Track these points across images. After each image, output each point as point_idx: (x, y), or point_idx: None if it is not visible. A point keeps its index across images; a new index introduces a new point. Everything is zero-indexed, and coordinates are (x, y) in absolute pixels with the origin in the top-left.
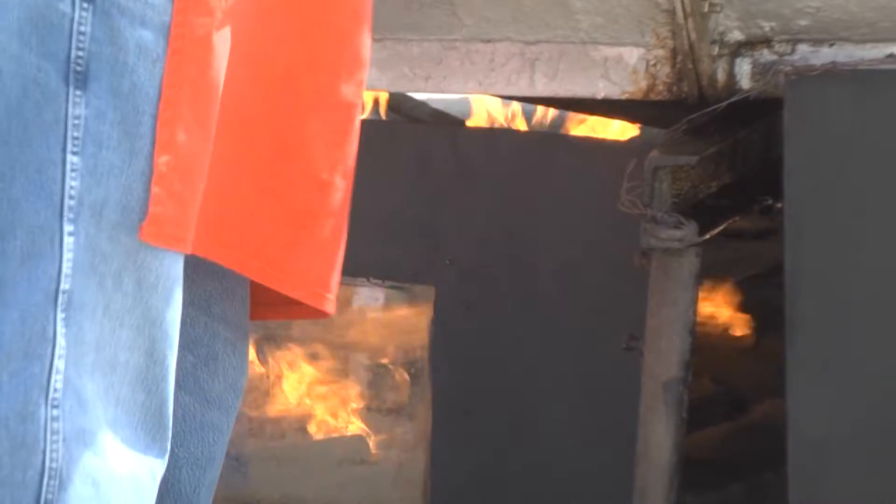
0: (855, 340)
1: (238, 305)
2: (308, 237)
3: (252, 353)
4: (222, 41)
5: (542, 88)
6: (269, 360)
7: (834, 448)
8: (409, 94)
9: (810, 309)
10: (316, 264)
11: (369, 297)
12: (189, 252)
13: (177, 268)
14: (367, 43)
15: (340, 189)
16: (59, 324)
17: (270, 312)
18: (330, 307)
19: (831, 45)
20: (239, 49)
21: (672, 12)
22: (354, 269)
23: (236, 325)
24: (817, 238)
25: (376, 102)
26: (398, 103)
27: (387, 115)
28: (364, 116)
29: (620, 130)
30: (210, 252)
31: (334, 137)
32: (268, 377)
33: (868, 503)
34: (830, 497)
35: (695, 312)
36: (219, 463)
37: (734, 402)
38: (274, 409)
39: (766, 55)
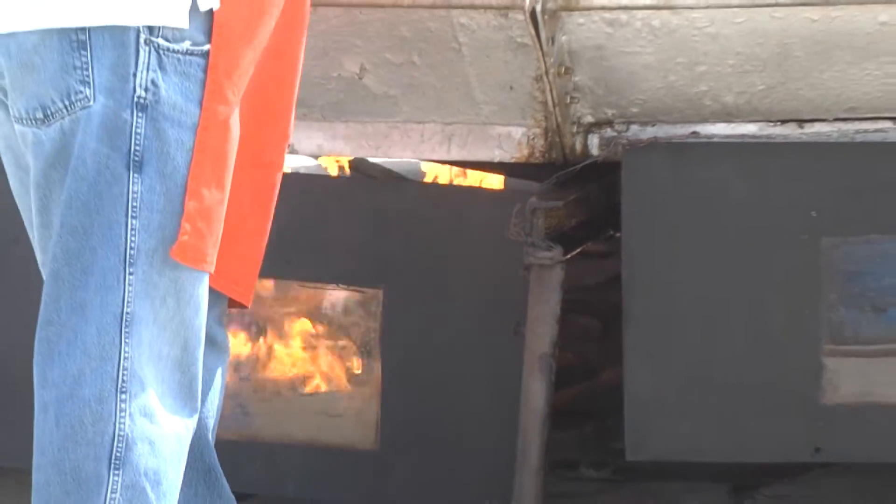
0: (671, 328)
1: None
2: (235, 255)
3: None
4: (235, 119)
5: (456, 154)
6: (267, 337)
7: (656, 402)
8: (367, 158)
9: (640, 305)
10: (237, 268)
11: (336, 299)
12: (210, 271)
13: (203, 289)
14: (290, 124)
15: (259, 222)
16: (124, 335)
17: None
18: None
19: (653, 125)
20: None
21: (545, 103)
22: (324, 276)
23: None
24: (644, 256)
25: (341, 166)
26: (359, 164)
27: (350, 173)
28: (336, 174)
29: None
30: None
31: (256, 186)
32: (264, 350)
33: (679, 442)
34: (653, 436)
35: (560, 308)
36: (221, 404)
37: (587, 369)
38: (272, 373)
39: (609, 132)
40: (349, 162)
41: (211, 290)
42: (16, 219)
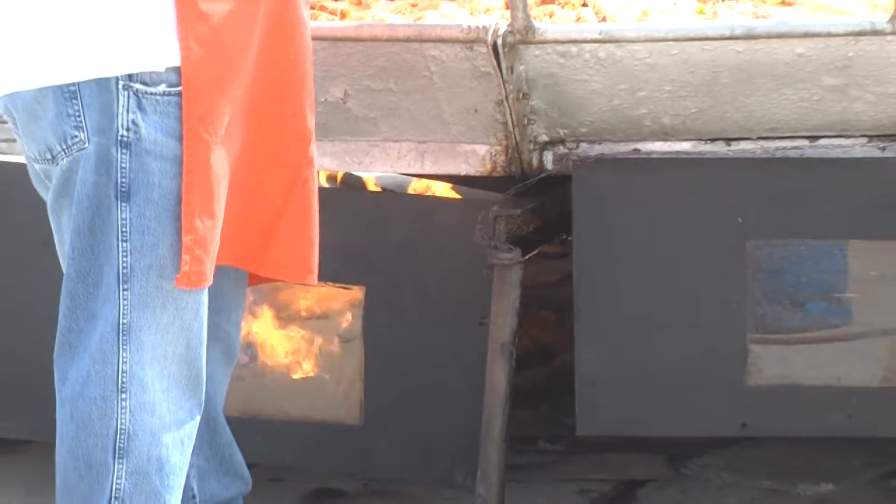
0: (616, 319)
1: (231, 282)
2: (274, 242)
3: (252, 323)
4: (219, 157)
5: (429, 169)
6: (267, 329)
7: (603, 384)
8: (353, 172)
9: (589, 299)
10: (283, 256)
11: (324, 294)
12: (209, 285)
13: (202, 294)
14: (310, 127)
15: (300, 213)
16: (122, 342)
17: (258, 281)
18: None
19: (600, 143)
20: (234, 138)
21: (505, 124)
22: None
23: (234, 293)
24: (593, 257)
25: (332, 177)
26: (348, 178)
27: (341, 185)
28: (327, 185)
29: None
30: (225, 260)
31: (285, 185)
32: (264, 339)
33: (623, 418)
34: (600, 413)
35: (519, 302)
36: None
37: (544, 355)
38: (271, 360)
39: (561, 149)
40: (342, 175)
41: (231, 296)
42: (45, 223)
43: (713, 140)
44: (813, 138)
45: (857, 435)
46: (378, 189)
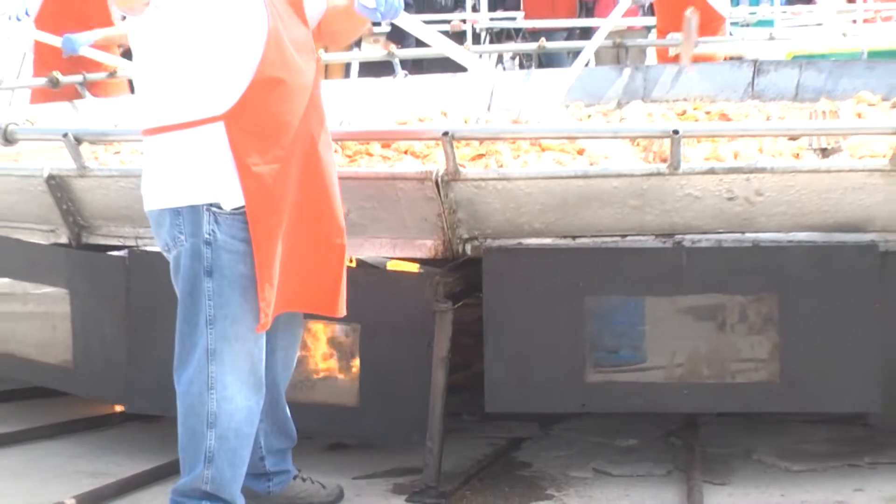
0: (509, 342)
1: (288, 320)
2: (319, 292)
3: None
4: (275, 251)
5: (399, 254)
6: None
7: (502, 381)
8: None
9: (493, 331)
10: (326, 298)
11: (335, 328)
12: (268, 328)
13: (262, 333)
14: (342, 221)
15: (332, 278)
16: (210, 361)
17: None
18: (339, 314)
19: (498, 239)
20: (293, 226)
21: (443, 228)
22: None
23: (292, 327)
24: (496, 307)
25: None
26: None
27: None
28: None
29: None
30: (287, 308)
31: (331, 259)
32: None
33: (513, 401)
34: (499, 398)
35: (452, 332)
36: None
37: (467, 364)
38: (299, 364)
39: (476, 242)
40: (356, 259)
41: (290, 330)
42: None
43: (564, 237)
44: (623, 236)
45: (652, 410)
46: (370, 265)
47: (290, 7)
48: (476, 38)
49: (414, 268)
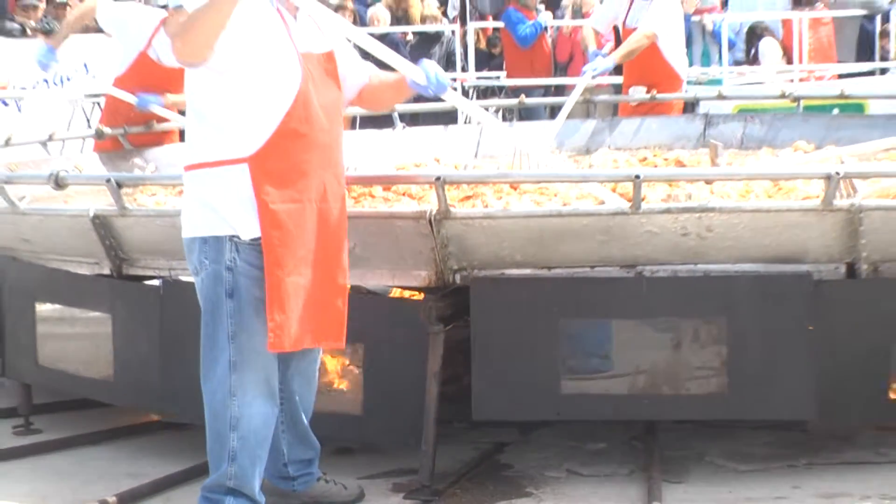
0: (492, 359)
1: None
2: (325, 324)
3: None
4: (294, 279)
5: (398, 283)
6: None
7: (486, 393)
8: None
9: (480, 348)
10: (330, 332)
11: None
12: (285, 349)
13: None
14: (346, 263)
15: (337, 314)
16: (232, 372)
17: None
18: (343, 345)
19: (484, 270)
20: (311, 263)
21: (435, 260)
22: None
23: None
24: (483, 328)
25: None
26: (356, 287)
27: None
28: None
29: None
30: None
31: (338, 295)
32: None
33: (495, 410)
34: (484, 408)
35: (443, 350)
36: (314, 391)
37: (456, 377)
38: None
39: (465, 272)
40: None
41: (306, 356)
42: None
43: (542, 268)
44: (592, 267)
45: (618, 418)
46: (373, 292)
47: (325, 74)
48: (465, 95)
49: (412, 294)
